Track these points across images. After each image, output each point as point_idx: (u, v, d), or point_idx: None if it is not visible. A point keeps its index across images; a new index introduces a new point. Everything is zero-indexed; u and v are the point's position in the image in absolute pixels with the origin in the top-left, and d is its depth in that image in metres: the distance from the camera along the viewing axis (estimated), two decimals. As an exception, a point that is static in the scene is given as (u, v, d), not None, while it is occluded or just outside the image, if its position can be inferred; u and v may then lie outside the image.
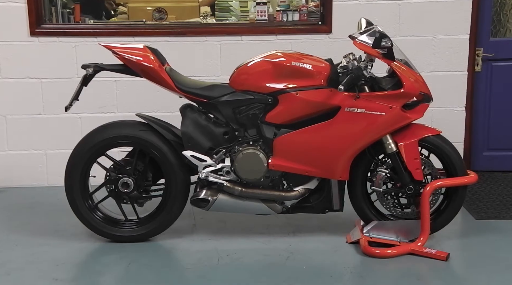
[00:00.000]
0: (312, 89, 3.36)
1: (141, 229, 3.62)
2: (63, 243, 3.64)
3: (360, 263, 3.37)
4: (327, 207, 3.55)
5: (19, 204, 4.36)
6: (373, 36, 3.34)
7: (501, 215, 4.06)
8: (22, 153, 4.67)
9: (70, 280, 3.21)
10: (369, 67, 3.38)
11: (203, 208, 3.49)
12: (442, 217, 3.60)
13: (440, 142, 3.52)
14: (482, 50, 4.75)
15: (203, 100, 3.47)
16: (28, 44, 4.58)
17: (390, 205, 3.57)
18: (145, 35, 4.64)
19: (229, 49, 4.62)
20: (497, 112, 4.87)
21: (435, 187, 3.48)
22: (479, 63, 4.75)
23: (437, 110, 4.52)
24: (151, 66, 3.42)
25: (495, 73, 4.82)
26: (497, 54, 4.76)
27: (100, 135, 3.54)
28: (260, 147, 3.44)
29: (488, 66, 4.80)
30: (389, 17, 4.60)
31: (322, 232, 3.74)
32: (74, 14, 4.96)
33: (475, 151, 4.93)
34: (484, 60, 4.76)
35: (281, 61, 3.41)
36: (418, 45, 4.61)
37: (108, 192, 3.58)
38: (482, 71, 4.79)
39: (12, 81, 4.62)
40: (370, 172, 3.58)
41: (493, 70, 4.81)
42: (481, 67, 4.77)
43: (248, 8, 5.29)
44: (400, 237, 3.53)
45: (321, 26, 4.69)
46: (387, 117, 3.37)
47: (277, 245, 3.57)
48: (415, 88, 3.39)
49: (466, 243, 3.67)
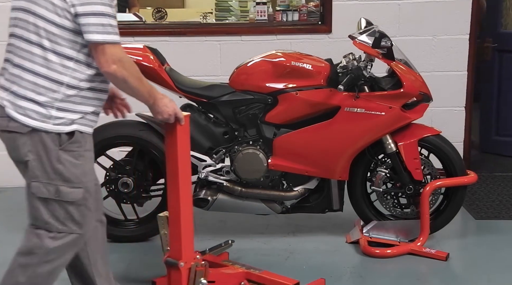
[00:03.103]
0: (311, 89, 3.36)
1: (141, 229, 3.62)
2: (63, 243, 3.63)
3: (359, 263, 3.37)
4: (326, 207, 3.55)
5: (19, 204, 4.32)
6: (372, 36, 3.34)
7: (500, 215, 4.06)
8: (22, 152, 4.66)
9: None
10: (369, 67, 3.38)
11: (203, 208, 3.49)
12: (441, 217, 3.60)
13: (439, 142, 3.52)
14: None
15: (203, 100, 3.47)
16: (28, 44, 4.57)
17: (389, 205, 3.57)
18: (145, 35, 4.64)
19: (229, 49, 4.62)
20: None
21: (435, 187, 3.48)
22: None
23: (437, 110, 4.52)
24: (151, 66, 3.42)
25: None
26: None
27: (100, 135, 3.53)
28: (260, 146, 3.44)
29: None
30: (389, 17, 4.59)
31: (322, 232, 3.74)
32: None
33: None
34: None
35: (281, 61, 3.42)
36: (418, 45, 4.61)
37: (108, 192, 3.58)
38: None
39: (12, 81, 4.61)
40: (369, 172, 3.58)
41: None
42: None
43: (248, 8, 5.30)
44: (400, 237, 3.53)
45: (321, 26, 4.69)
46: (386, 117, 3.37)
47: (276, 245, 3.57)
48: (415, 88, 3.39)
49: (465, 243, 3.67)
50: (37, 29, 2.14)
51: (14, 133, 2.17)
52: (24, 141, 2.17)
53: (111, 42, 2.15)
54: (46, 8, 2.12)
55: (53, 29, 2.13)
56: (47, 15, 2.13)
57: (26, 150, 2.17)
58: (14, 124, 2.17)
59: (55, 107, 2.17)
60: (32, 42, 2.15)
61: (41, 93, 2.16)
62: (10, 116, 2.17)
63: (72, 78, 2.18)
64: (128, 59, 2.22)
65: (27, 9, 2.16)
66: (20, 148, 2.18)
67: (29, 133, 2.15)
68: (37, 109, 2.16)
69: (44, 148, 2.17)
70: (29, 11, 2.15)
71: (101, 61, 2.14)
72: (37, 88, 2.16)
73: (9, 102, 2.18)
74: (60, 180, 2.19)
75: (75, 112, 2.21)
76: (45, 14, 2.13)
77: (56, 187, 2.18)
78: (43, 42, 2.14)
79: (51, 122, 2.16)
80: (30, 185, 2.22)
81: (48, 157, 2.17)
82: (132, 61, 2.26)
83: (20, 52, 2.18)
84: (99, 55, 2.14)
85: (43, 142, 2.16)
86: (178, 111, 2.46)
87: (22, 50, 2.17)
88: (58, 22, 2.13)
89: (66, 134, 2.19)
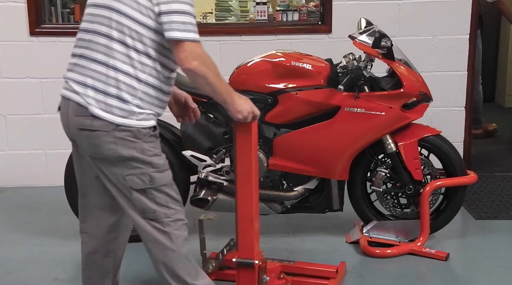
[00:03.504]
0: (311, 89, 3.36)
1: (141, 229, 3.62)
2: (63, 243, 3.64)
3: (360, 263, 3.37)
4: (326, 207, 3.55)
5: (19, 204, 4.37)
6: (372, 36, 3.34)
7: (500, 215, 4.06)
8: (22, 152, 4.67)
9: (70, 280, 3.21)
10: (369, 67, 3.38)
11: (203, 208, 3.49)
12: (441, 217, 3.60)
13: (439, 142, 3.52)
14: None
15: (203, 100, 3.46)
16: (28, 44, 4.58)
17: (389, 205, 3.57)
18: (145, 35, 4.64)
19: (229, 49, 4.61)
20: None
21: (435, 187, 3.48)
22: None
23: (437, 110, 4.52)
24: (151, 66, 3.41)
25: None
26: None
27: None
28: (260, 146, 3.44)
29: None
30: (389, 17, 4.60)
31: (322, 232, 3.74)
32: (74, 14, 4.97)
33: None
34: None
35: (280, 61, 3.42)
36: (418, 45, 4.61)
37: (108, 192, 3.58)
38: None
39: (12, 81, 4.62)
40: (369, 172, 3.58)
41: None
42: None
43: (248, 8, 5.30)
44: (400, 237, 3.53)
45: (321, 26, 4.69)
46: (386, 117, 3.37)
47: (277, 245, 3.57)
48: (415, 88, 3.39)
49: (465, 243, 3.68)
50: (120, 26, 2.19)
51: (98, 132, 2.21)
52: (110, 138, 2.21)
53: (191, 40, 2.19)
54: (130, 7, 2.18)
55: (136, 27, 2.19)
56: (132, 13, 2.18)
57: (113, 146, 2.22)
58: (99, 123, 2.21)
59: (135, 104, 2.23)
60: (114, 38, 2.20)
61: (123, 90, 2.20)
62: (94, 114, 2.20)
63: (149, 76, 2.24)
64: (208, 56, 2.26)
65: (110, 7, 2.21)
66: (105, 145, 2.22)
67: (113, 130, 2.20)
68: (121, 106, 2.21)
69: (129, 142, 2.23)
70: (112, 8, 2.20)
71: (181, 58, 2.19)
72: (119, 84, 2.20)
73: (94, 100, 2.21)
74: (150, 168, 2.26)
75: (149, 109, 2.27)
76: (129, 12, 2.18)
77: (149, 175, 2.26)
78: (126, 39, 2.19)
79: (134, 118, 2.22)
80: (125, 179, 2.26)
81: (135, 150, 2.23)
82: (212, 59, 2.29)
83: (100, 47, 2.21)
84: (180, 52, 2.18)
85: (128, 137, 2.22)
86: (256, 109, 2.49)
87: (102, 46, 2.21)
88: (141, 20, 2.19)
89: (145, 129, 2.25)
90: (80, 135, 2.27)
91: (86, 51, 2.26)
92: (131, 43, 2.20)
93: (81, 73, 2.26)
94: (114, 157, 2.23)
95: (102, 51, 2.21)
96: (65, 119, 2.31)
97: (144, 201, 2.28)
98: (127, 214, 2.36)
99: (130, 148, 2.23)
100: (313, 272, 3.08)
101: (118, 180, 2.28)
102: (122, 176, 2.26)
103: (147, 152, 2.26)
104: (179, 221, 2.36)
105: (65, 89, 2.30)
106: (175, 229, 2.33)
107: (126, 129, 2.21)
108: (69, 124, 2.29)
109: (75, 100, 2.24)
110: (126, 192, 2.29)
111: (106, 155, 2.23)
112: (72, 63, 2.32)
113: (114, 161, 2.24)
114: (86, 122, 2.22)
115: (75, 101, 2.24)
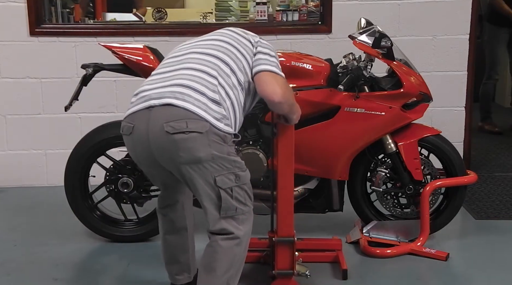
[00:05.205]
0: (311, 89, 3.36)
1: (141, 229, 3.62)
2: (63, 243, 3.64)
3: (360, 263, 3.37)
4: (326, 207, 3.55)
5: (19, 204, 4.37)
6: (372, 36, 3.34)
7: (500, 215, 4.06)
8: (22, 152, 4.67)
9: (70, 280, 3.21)
10: (369, 67, 3.38)
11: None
12: (441, 217, 3.61)
13: (439, 142, 3.52)
14: None
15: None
16: (28, 44, 4.58)
17: (389, 205, 3.57)
18: (145, 35, 4.64)
19: (229, 49, 4.61)
20: None
21: (435, 187, 3.48)
22: None
23: (437, 110, 4.52)
24: (151, 66, 3.41)
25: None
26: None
27: (100, 135, 3.54)
28: (260, 146, 3.44)
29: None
30: (389, 17, 4.60)
31: (322, 232, 3.74)
32: (74, 14, 4.97)
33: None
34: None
35: (280, 61, 3.37)
36: (418, 45, 4.61)
37: (108, 192, 3.58)
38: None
39: (12, 81, 4.62)
40: (370, 172, 3.58)
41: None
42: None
43: (248, 8, 5.31)
44: (400, 237, 3.54)
45: (321, 26, 4.69)
46: (386, 117, 3.37)
47: (277, 245, 3.57)
48: (415, 88, 3.39)
49: (465, 243, 3.67)
50: (234, 57, 2.61)
51: (193, 133, 2.36)
52: (205, 140, 2.37)
53: (277, 73, 2.60)
54: (243, 48, 2.67)
55: (242, 61, 2.62)
56: (243, 51, 2.65)
57: (208, 148, 2.38)
58: (194, 125, 2.36)
59: (225, 108, 2.49)
60: (227, 64, 2.57)
61: (217, 100, 2.45)
62: (192, 112, 2.36)
63: (235, 97, 2.54)
64: (289, 88, 2.68)
65: (231, 43, 2.65)
66: (200, 147, 2.37)
67: (206, 132, 2.37)
68: (215, 108, 2.42)
69: (219, 144, 2.42)
70: (232, 45, 2.65)
71: (267, 90, 2.55)
72: (215, 96, 2.45)
73: (193, 99, 2.40)
74: (236, 167, 2.47)
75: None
76: (241, 51, 2.65)
77: (235, 174, 2.46)
78: (233, 67, 2.57)
79: (223, 122, 2.43)
80: (215, 180, 2.42)
81: (224, 152, 2.43)
82: (291, 89, 2.73)
83: (215, 67, 2.53)
84: (266, 84, 2.56)
85: (217, 140, 2.41)
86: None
87: (217, 67, 2.53)
88: (246, 56, 2.64)
89: (229, 135, 2.46)
90: (168, 142, 2.36)
91: (197, 66, 2.53)
92: (236, 69, 2.59)
93: (190, 79, 2.48)
94: (207, 158, 2.38)
95: (216, 69, 2.53)
96: (144, 134, 2.42)
97: (229, 199, 2.45)
98: (208, 215, 2.51)
99: (220, 149, 2.41)
100: (319, 246, 3.38)
101: (207, 181, 2.42)
102: (212, 176, 2.41)
103: (231, 154, 2.47)
104: (250, 217, 2.59)
105: (145, 102, 2.45)
106: (247, 226, 2.56)
107: (216, 132, 2.40)
108: (149, 137, 2.40)
109: (170, 104, 2.38)
110: (213, 192, 2.44)
111: (199, 156, 2.37)
112: (180, 74, 2.51)
113: (203, 163, 2.38)
114: (182, 125, 2.35)
115: (172, 105, 2.38)
